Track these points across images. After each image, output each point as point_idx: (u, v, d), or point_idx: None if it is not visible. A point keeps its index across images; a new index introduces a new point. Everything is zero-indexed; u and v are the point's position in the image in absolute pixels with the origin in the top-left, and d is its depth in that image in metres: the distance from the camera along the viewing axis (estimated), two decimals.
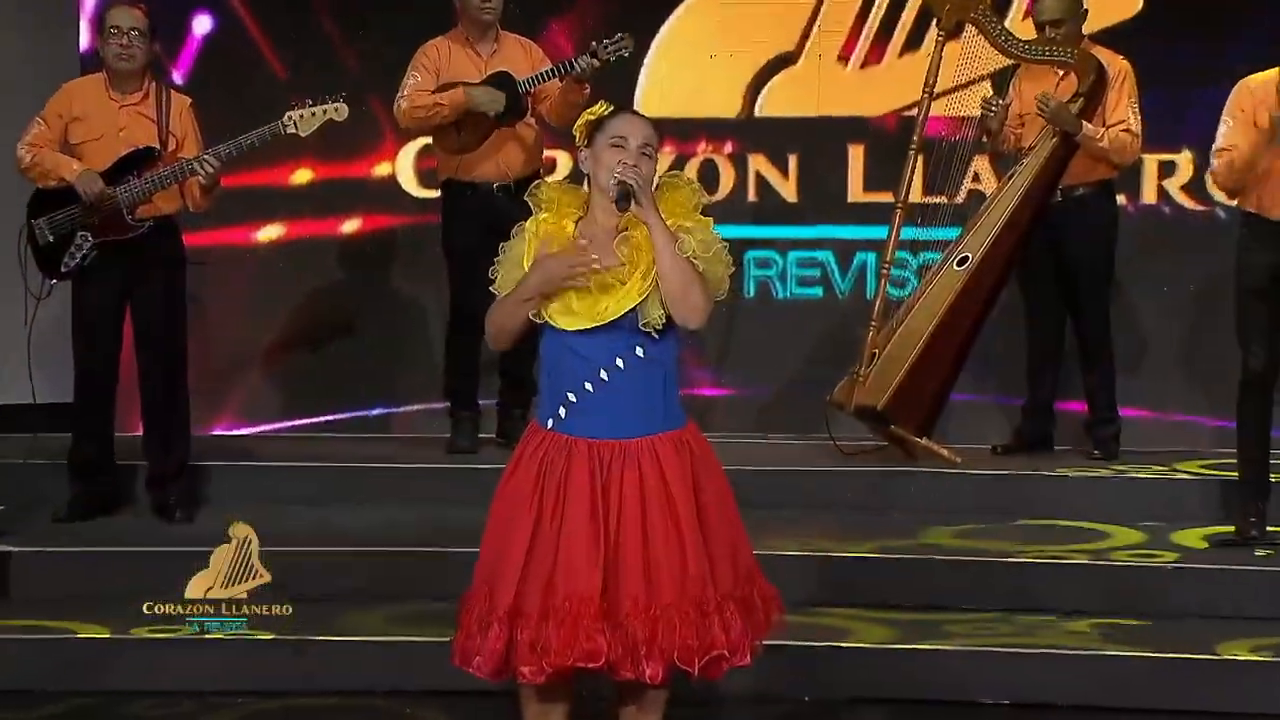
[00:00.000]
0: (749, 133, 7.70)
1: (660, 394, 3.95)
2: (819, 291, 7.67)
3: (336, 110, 6.17)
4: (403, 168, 7.76)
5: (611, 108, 4.02)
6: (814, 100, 7.65)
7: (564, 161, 7.55)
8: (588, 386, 3.92)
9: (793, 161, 7.68)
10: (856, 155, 7.62)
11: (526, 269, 3.95)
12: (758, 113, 7.70)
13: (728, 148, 7.71)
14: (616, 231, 3.97)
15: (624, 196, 3.88)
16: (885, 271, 6.76)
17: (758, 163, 7.69)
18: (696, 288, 3.88)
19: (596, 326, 3.91)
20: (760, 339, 7.63)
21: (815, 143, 7.65)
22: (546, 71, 6.71)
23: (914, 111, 6.86)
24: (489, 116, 6.70)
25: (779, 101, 7.68)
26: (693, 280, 3.88)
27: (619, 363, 3.91)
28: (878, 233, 7.06)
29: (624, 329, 3.92)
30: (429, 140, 7.10)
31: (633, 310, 3.90)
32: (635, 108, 5.99)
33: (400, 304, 7.74)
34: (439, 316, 7.23)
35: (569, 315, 3.93)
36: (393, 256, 7.76)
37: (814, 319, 7.63)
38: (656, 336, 3.92)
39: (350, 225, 7.79)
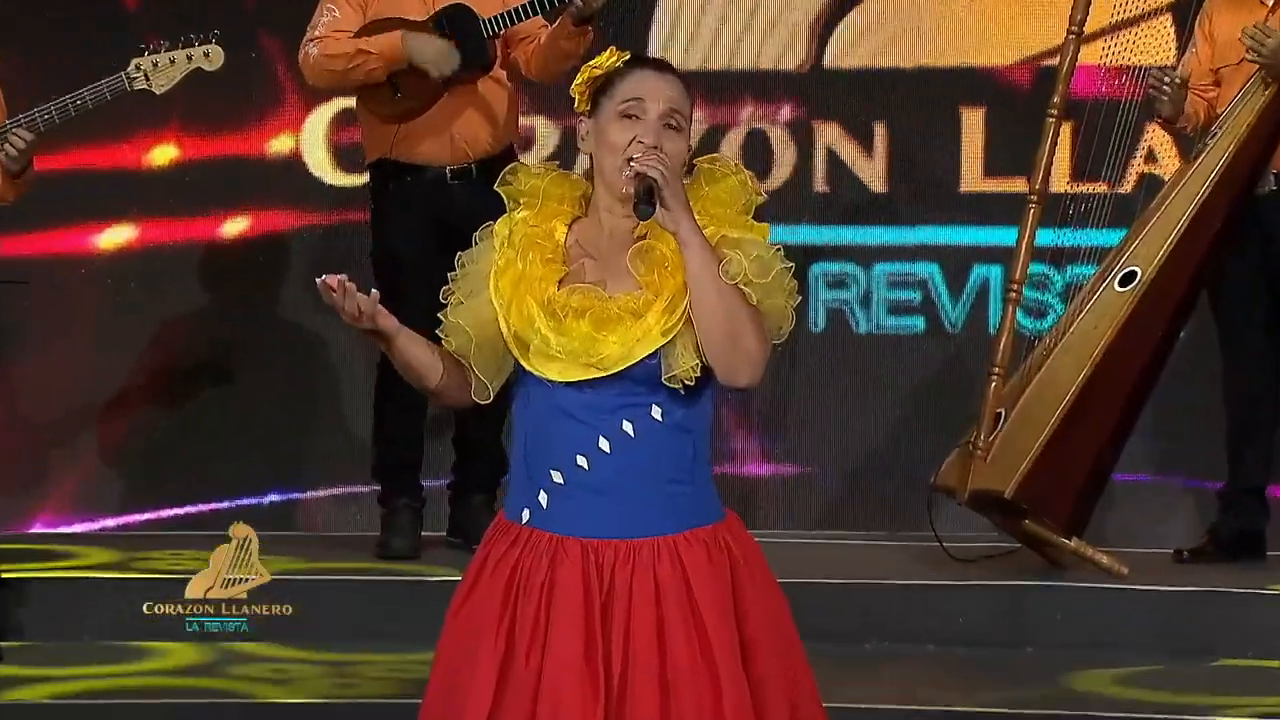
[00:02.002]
0: (816, 91, 7.76)
1: (688, 474, 3.95)
2: (919, 323, 7.71)
3: (206, 56, 6.18)
4: (312, 142, 7.82)
5: (627, 57, 3.97)
6: (909, 45, 7.71)
7: (545, 134, 7.62)
8: (581, 463, 3.92)
9: (880, 133, 7.74)
10: (973, 124, 7.67)
11: (493, 291, 3.94)
12: (828, 63, 7.76)
13: (785, 113, 7.77)
14: (631, 239, 3.95)
15: (646, 196, 3.81)
16: (1015, 294, 6.77)
17: (828, 135, 7.74)
18: (750, 329, 3.88)
19: (596, 378, 3.89)
20: (832, 393, 7.67)
21: (912, 106, 7.70)
22: (523, 7, 6.72)
23: (1056, 61, 6.91)
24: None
25: (858, 47, 7.74)
26: (745, 318, 3.87)
27: (626, 429, 3.90)
28: (1004, 237, 7.11)
29: (636, 382, 3.89)
30: (351, 103, 7.14)
31: (651, 356, 3.89)
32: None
33: (308, 340, 7.77)
34: (364, 359, 7.28)
35: (549, 358, 3.91)
36: (297, 271, 7.79)
37: (911, 363, 7.67)
38: (684, 393, 3.92)
39: (234, 226, 7.84)
